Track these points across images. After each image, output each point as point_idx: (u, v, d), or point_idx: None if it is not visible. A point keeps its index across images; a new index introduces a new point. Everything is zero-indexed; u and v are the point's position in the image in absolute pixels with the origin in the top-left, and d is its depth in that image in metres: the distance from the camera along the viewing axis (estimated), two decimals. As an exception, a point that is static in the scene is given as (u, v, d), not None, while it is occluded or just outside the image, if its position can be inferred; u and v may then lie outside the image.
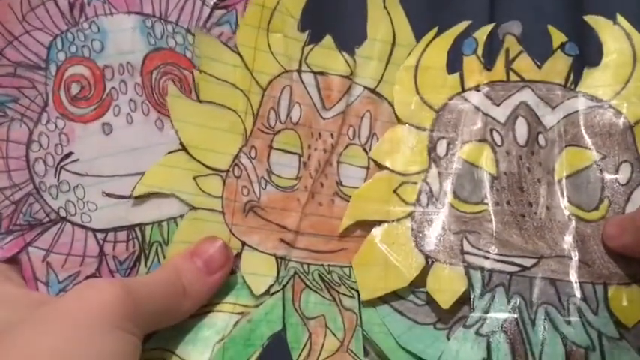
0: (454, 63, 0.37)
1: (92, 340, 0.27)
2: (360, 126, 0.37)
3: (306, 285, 0.34)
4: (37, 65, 0.34)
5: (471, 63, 0.37)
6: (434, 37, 0.37)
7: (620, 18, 0.36)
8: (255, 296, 0.34)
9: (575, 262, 0.34)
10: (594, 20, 0.37)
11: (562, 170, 0.35)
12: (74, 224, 0.33)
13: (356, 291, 0.34)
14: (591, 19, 0.37)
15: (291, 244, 0.35)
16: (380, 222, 0.35)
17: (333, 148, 0.36)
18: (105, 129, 0.34)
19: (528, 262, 0.34)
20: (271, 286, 0.34)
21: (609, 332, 0.33)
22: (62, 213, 0.33)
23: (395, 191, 0.35)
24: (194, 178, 0.34)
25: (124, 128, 0.34)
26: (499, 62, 0.37)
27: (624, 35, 0.36)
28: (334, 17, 0.38)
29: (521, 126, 0.36)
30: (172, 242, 0.34)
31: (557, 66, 0.36)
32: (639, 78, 0.36)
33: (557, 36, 0.37)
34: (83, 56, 0.34)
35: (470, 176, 0.35)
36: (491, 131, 0.36)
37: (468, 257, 0.34)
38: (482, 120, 0.36)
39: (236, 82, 0.35)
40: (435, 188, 0.35)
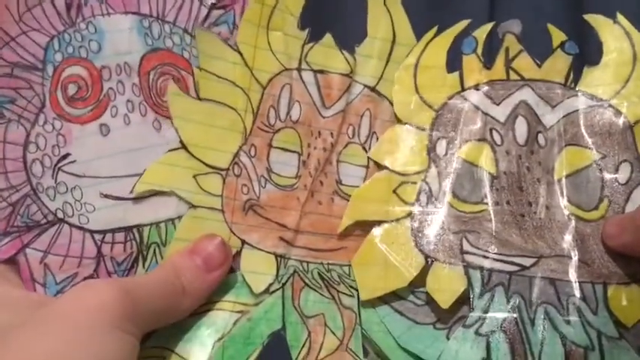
0: (454, 62, 0.37)
1: (91, 342, 0.27)
2: (360, 124, 0.37)
3: (305, 283, 0.34)
4: (34, 66, 0.34)
5: (471, 62, 0.37)
6: (433, 36, 0.37)
7: (620, 17, 0.36)
8: (254, 295, 0.34)
9: (574, 262, 0.34)
10: (594, 19, 0.37)
11: (562, 169, 0.35)
12: (72, 225, 0.33)
13: (355, 290, 0.34)
14: (591, 18, 0.37)
15: (290, 243, 0.35)
16: (379, 222, 0.35)
17: (333, 147, 0.36)
18: (102, 130, 0.34)
19: (528, 262, 0.34)
20: (271, 285, 0.34)
21: (609, 332, 0.33)
22: (59, 214, 0.33)
23: (394, 191, 0.35)
24: (194, 176, 0.34)
25: (122, 129, 0.34)
26: (499, 61, 0.37)
27: (624, 34, 0.36)
28: (334, 15, 0.38)
29: (520, 125, 0.36)
30: (172, 240, 0.33)
31: (557, 65, 0.36)
32: (639, 77, 0.36)
33: (557, 35, 0.36)
34: (80, 57, 0.34)
35: (469, 176, 0.35)
36: (490, 130, 0.36)
37: (468, 257, 0.34)
38: (481, 119, 0.36)
39: (236, 80, 0.35)
40: (435, 188, 0.35)
